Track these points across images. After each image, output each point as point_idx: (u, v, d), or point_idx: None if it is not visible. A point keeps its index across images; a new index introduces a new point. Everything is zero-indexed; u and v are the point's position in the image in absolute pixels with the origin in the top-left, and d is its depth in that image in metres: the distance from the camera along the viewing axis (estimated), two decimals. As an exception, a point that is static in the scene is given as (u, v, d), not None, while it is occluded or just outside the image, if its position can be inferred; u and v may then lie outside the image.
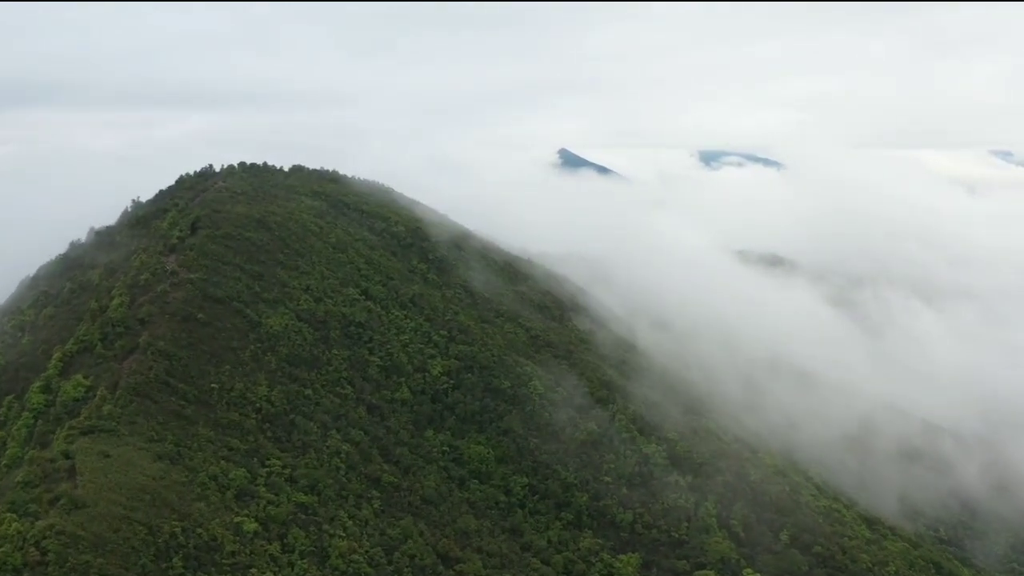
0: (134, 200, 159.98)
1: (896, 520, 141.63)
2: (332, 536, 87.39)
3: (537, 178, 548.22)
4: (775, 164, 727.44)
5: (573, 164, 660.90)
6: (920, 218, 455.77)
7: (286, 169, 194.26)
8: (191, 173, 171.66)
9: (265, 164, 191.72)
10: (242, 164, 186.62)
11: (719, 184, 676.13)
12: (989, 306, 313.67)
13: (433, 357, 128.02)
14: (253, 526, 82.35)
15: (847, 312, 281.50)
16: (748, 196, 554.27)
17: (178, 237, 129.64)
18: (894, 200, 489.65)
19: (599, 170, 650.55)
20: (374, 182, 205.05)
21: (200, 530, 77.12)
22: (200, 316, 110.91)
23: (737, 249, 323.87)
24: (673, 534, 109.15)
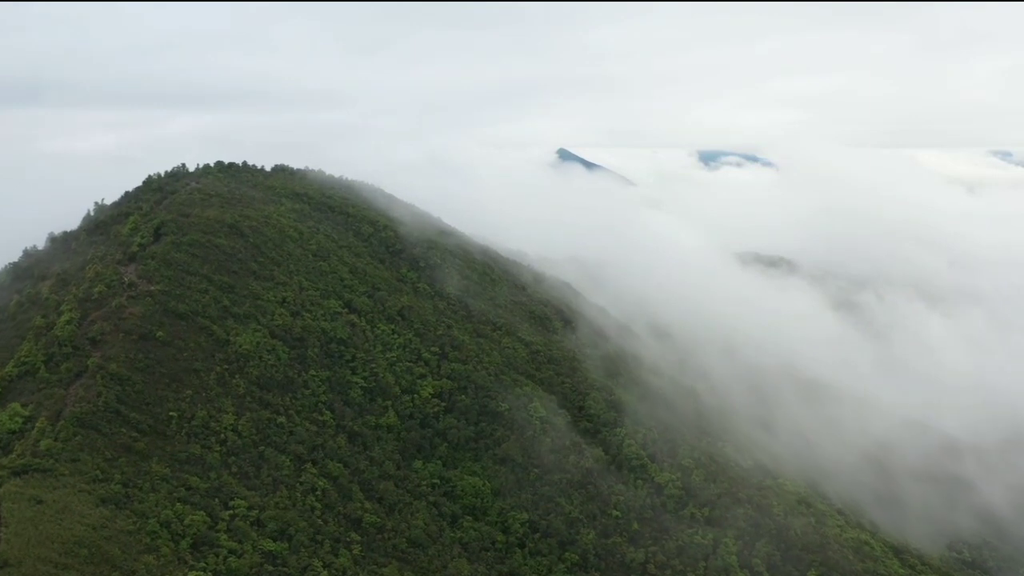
0: (96, 202, 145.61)
1: (919, 542, 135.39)
2: (304, 591, 76.31)
3: (535, 177, 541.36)
4: (774, 164, 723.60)
5: (572, 163, 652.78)
6: (920, 218, 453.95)
7: (268, 168, 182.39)
8: (161, 173, 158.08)
9: (245, 163, 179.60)
10: (219, 163, 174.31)
11: (718, 184, 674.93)
12: (993, 308, 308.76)
13: (423, 377, 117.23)
14: (210, 585, 71.16)
15: (850, 315, 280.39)
16: (747, 196, 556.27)
17: (139, 244, 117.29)
18: (894, 200, 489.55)
19: (598, 169, 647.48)
20: (363, 182, 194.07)
21: (145, 592, 66.15)
22: (159, 334, 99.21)
23: (736, 250, 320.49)
24: (689, 575, 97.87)
